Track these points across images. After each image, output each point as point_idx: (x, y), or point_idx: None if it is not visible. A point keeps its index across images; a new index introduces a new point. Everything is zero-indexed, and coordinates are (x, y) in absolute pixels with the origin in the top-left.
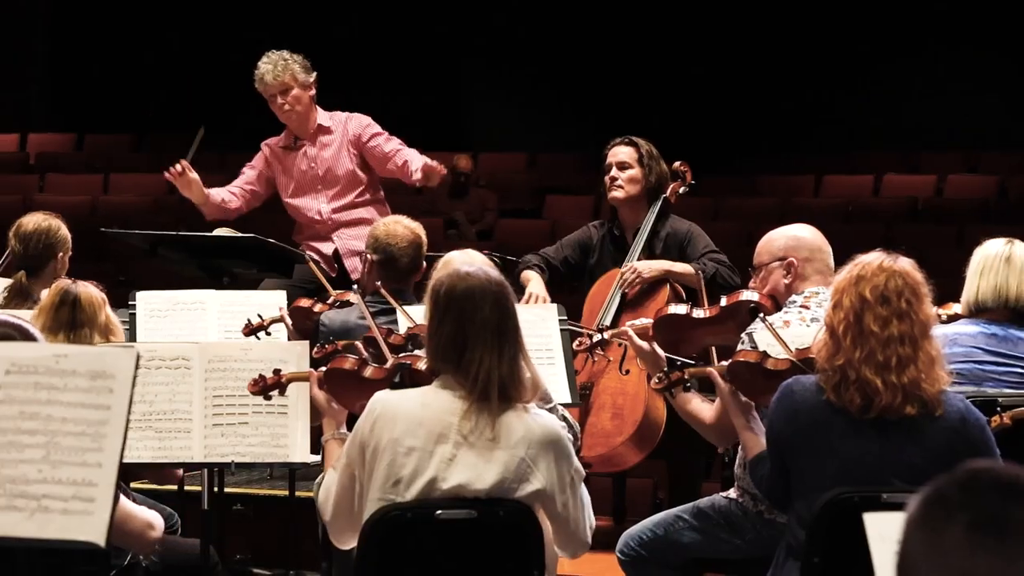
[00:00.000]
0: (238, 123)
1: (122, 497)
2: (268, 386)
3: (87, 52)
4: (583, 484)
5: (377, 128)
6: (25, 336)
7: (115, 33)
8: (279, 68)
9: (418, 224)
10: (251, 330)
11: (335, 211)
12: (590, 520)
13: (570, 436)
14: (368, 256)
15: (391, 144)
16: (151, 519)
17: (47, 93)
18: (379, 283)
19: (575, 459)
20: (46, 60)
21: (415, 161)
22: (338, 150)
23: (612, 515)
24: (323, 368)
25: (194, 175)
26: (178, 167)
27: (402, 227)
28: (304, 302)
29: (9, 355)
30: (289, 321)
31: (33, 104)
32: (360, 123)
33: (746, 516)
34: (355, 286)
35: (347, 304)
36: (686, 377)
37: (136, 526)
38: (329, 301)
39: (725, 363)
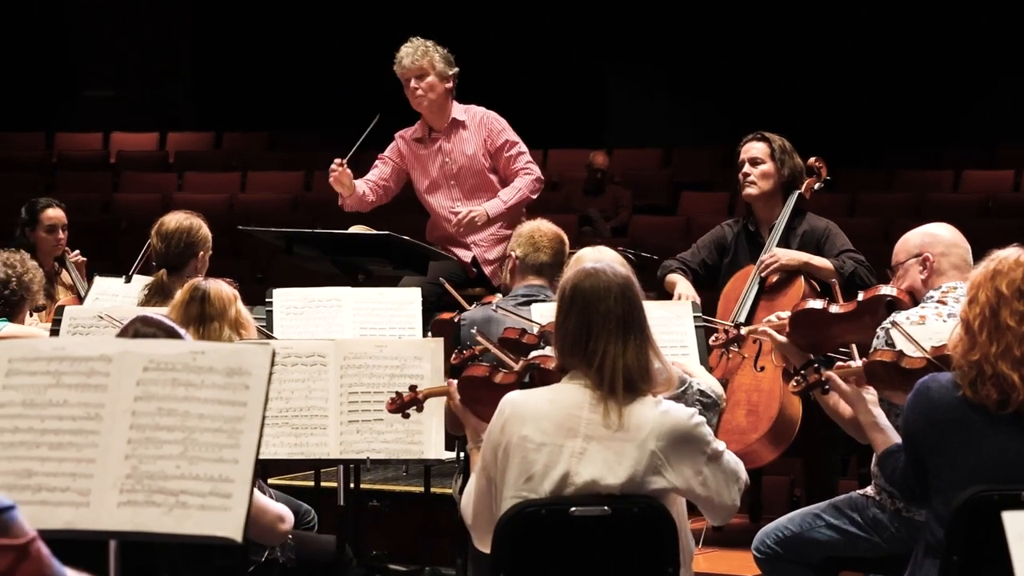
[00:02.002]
0: (368, 120)
1: (255, 492)
2: (405, 403)
3: (228, 51)
4: (725, 452)
5: (508, 135)
6: (169, 334)
7: (255, 32)
8: (419, 52)
9: (559, 228)
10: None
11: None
12: (739, 484)
13: (700, 418)
14: (512, 254)
15: (515, 164)
16: (282, 512)
17: (190, 92)
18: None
19: (710, 438)
20: (190, 60)
21: (504, 194)
22: (473, 148)
23: (748, 513)
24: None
25: (348, 172)
26: (338, 166)
27: (546, 226)
28: (445, 315)
29: (147, 352)
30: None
31: (177, 103)
32: (495, 126)
33: (884, 514)
34: (498, 289)
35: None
36: (823, 379)
37: (268, 520)
38: (474, 306)
39: (860, 363)
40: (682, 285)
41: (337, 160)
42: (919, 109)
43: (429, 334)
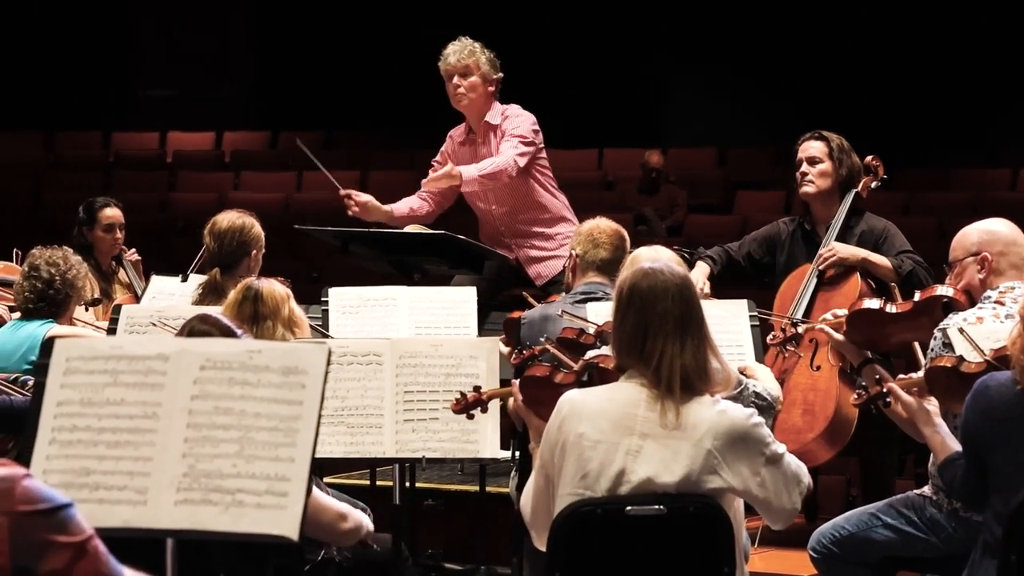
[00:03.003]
0: (425, 118)
1: (315, 489)
2: (471, 404)
3: (285, 51)
4: (786, 455)
5: (519, 130)
6: (225, 333)
7: (312, 31)
8: (466, 51)
9: (620, 226)
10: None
11: (504, 216)
12: (801, 487)
13: (759, 419)
14: (573, 252)
15: (504, 144)
16: (343, 511)
17: (246, 92)
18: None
19: (769, 439)
20: (246, 59)
21: (481, 165)
22: (495, 152)
23: (804, 512)
24: (518, 380)
25: (363, 197)
26: (344, 196)
27: (605, 223)
28: (516, 314)
29: (204, 351)
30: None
31: (233, 103)
32: (512, 123)
33: (941, 513)
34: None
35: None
36: (885, 391)
37: (329, 518)
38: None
39: (920, 374)
40: (694, 272)
41: (341, 192)
42: (976, 107)
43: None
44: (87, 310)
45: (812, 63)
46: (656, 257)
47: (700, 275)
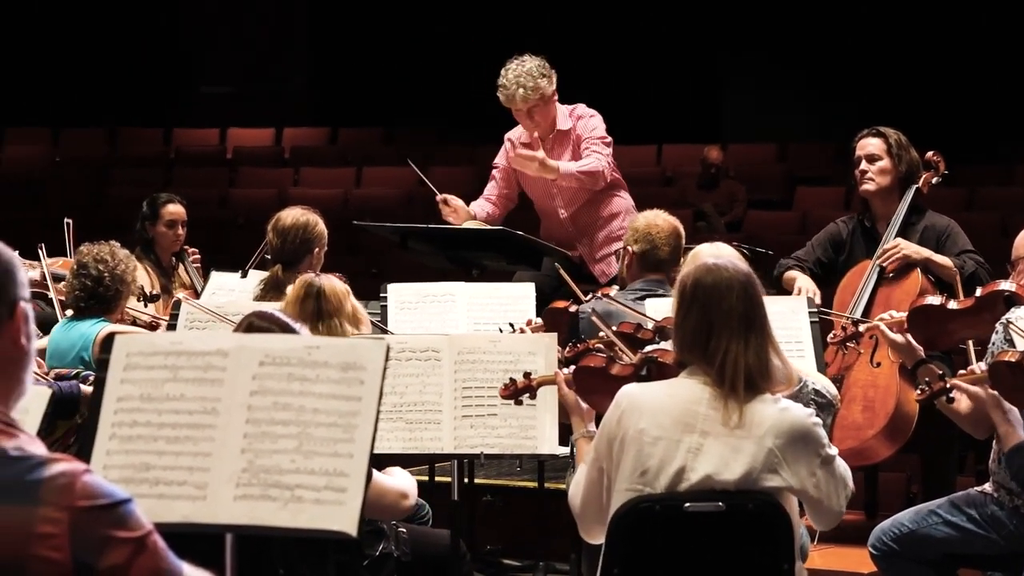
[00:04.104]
0: (484, 114)
1: (374, 473)
2: (519, 390)
3: (344, 46)
4: (837, 457)
5: (597, 132)
6: (284, 329)
7: (371, 27)
8: (528, 88)
9: (675, 219)
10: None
11: (573, 216)
12: (847, 490)
13: (818, 419)
14: (628, 248)
15: (587, 151)
16: (403, 489)
17: (305, 88)
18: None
19: (825, 440)
20: (306, 55)
21: (576, 164)
22: (572, 157)
23: (864, 509)
24: (571, 368)
25: (457, 202)
26: (441, 201)
27: (662, 219)
28: (559, 304)
29: (263, 347)
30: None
31: (293, 99)
32: (585, 125)
33: (1002, 511)
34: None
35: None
36: (948, 387)
37: (390, 499)
38: (589, 297)
39: (984, 367)
40: (802, 279)
41: (439, 197)
42: None
43: (530, 322)
44: (146, 305)
45: (872, 57)
46: (718, 254)
47: (807, 281)
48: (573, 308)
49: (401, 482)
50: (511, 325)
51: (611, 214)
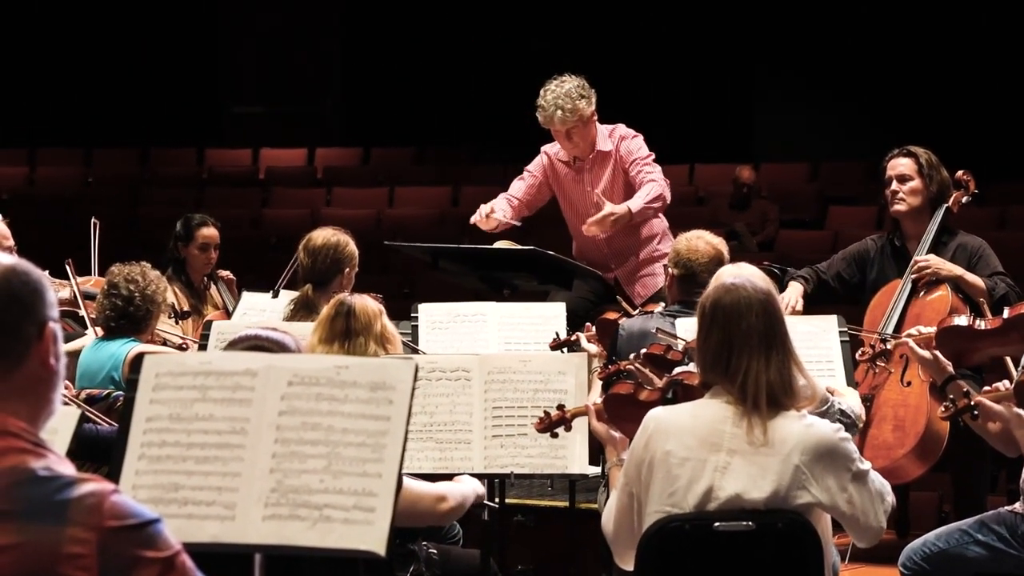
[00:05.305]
0: (516, 134)
1: (406, 480)
2: (554, 423)
3: (376, 67)
4: (871, 472)
5: (643, 152)
6: (282, 350)
7: (403, 47)
8: (567, 111)
9: (720, 240)
10: (558, 344)
11: (610, 238)
12: (885, 505)
13: (846, 434)
14: (669, 270)
15: (640, 174)
16: (441, 492)
17: (338, 108)
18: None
19: (856, 455)
20: (338, 75)
21: (640, 195)
22: (612, 178)
23: (895, 528)
24: (599, 399)
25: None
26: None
27: (703, 243)
28: (611, 315)
29: (292, 367)
30: (593, 348)
31: (325, 119)
32: (628, 147)
33: None
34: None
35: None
36: (973, 404)
37: (426, 505)
38: (635, 313)
39: (1010, 385)
40: (788, 291)
41: (484, 211)
42: None
43: (593, 327)
44: (177, 323)
45: (903, 77)
46: (739, 273)
47: (794, 294)
48: (620, 320)
49: (441, 486)
50: (556, 334)
51: (648, 236)
